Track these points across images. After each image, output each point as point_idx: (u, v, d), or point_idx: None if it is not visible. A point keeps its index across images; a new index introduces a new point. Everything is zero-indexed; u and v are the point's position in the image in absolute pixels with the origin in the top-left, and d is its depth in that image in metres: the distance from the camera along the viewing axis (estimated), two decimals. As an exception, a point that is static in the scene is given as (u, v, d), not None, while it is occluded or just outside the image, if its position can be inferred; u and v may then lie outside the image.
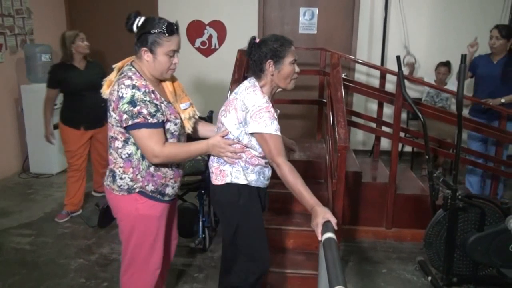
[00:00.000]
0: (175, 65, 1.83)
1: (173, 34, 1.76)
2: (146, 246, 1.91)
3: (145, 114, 1.68)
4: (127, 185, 1.81)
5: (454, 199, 2.47)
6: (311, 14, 5.13)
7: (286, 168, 1.74)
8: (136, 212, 1.85)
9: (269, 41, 1.86)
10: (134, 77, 1.74)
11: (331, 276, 1.25)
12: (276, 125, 1.80)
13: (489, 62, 3.61)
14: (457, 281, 2.63)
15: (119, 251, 3.01)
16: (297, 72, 1.91)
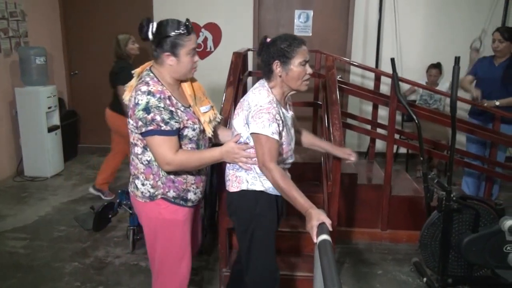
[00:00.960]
0: (196, 64, 1.83)
1: (191, 33, 1.77)
2: (174, 253, 1.90)
3: (158, 121, 1.66)
4: (148, 192, 1.81)
5: (449, 201, 2.48)
6: (306, 16, 5.15)
7: (278, 174, 1.71)
8: (160, 216, 1.84)
9: (278, 40, 1.79)
10: (151, 83, 1.72)
11: (327, 278, 1.25)
12: (275, 128, 1.73)
13: (491, 64, 3.62)
14: (452, 282, 2.63)
15: (115, 254, 3.03)
16: (309, 74, 1.82)
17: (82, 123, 5.62)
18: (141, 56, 4.11)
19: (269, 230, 1.91)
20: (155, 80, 1.74)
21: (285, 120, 1.84)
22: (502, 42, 3.48)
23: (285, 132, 1.82)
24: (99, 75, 5.56)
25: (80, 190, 4.22)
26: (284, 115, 1.85)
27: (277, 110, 1.77)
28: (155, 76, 1.76)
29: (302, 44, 1.80)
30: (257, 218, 1.88)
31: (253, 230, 1.89)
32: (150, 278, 2.71)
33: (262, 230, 1.89)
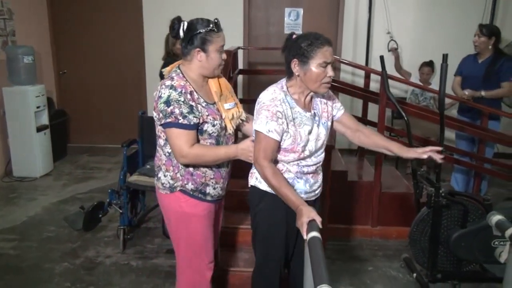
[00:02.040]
0: (223, 61, 1.86)
1: (221, 30, 1.82)
2: (194, 245, 1.94)
3: (176, 114, 1.72)
4: (168, 183, 1.87)
5: (438, 197, 2.50)
6: (296, 14, 5.16)
7: (270, 172, 1.71)
8: (180, 210, 1.89)
9: (300, 38, 1.73)
10: (175, 78, 1.80)
11: (316, 274, 1.26)
12: (273, 126, 1.71)
13: (474, 61, 3.67)
14: (441, 277, 2.66)
15: (105, 254, 3.01)
16: (329, 76, 1.72)
17: (72, 123, 5.57)
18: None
19: (273, 228, 1.89)
20: (180, 76, 1.81)
21: (297, 119, 1.77)
22: (480, 37, 3.53)
23: (293, 131, 1.76)
24: (88, 74, 5.54)
25: (69, 190, 4.19)
26: (296, 115, 1.78)
27: (281, 108, 1.73)
28: (181, 73, 1.84)
29: (326, 44, 1.70)
30: (260, 214, 1.90)
31: (257, 225, 1.93)
32: (141, 277, 2.74)
33: (264, 226, 1.90)
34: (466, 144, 3.80)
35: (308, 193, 1.88)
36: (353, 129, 1.99)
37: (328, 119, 1.90)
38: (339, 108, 1.96)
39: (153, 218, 3.52)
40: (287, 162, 1.82)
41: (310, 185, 1.87)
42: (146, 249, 3.09)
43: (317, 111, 1.87)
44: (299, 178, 1.84)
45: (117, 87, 5.55)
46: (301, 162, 1.82)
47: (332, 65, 1.73)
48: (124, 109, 5.51)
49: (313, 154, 1.83)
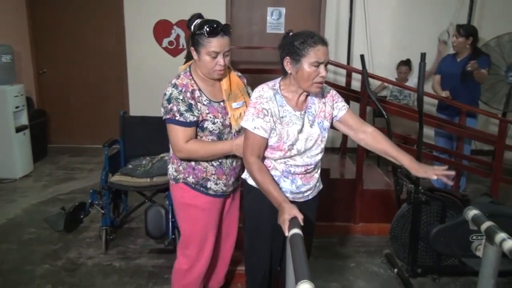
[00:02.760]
0: (221, 66, 1.85)
1: (214, 36, 1.80)
2: (195, 236, 2.03)
3: (174, 111, 1.82)
4: (172, 174, 2.01)
5: (417, 193, 2.56)
6: (279, 13, 5.18)
7: (256, 167, 1.74)
8: (182, 199, 2.01)
9: (295, 36, 1.72)
10: (181, 76, 1.90)
11: (297, 271, 1.27)
12: (259, 123, 1.72)
13: (453, 60, 3.75)
14: (421, 272, 2.72)
15: (87, 255, 2.98)
16: (321, 76, 1.70)
17: (52, 123, 5.49)
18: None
19: (258, 222, 1.91)
20: (187, 75, 1.90)
21: (285, 117, 1.77)
22: (458, 37, 3.61)
23: (279, 129, 1.76)
24: (69, 73, 5.46)
25: (50, 191, 4.13)
26: (285, 113, 1.77)
27: (267, 106, 1.74)
28: (189, 71, 1.92)
29: (319, 43, 1.67)
30: (246, 207, 1.95)
31: (245, 218, 1.97)
32: (124, 278, 2.72)
33: (250, 220, 1.94)
34: (444, 141, 3.87)
35: (295, 193, 1.88)
36: (357, 130, 1.92)
37: (326, 119, 1.86)
38: (341, 108, 1.90)
39: (136, 218, 3.49)
40: (274, 159, 1.83)
41: (297, 186, 1.86)
42: (129, 250, 3.07)
43: (313, 111, 1.84)
44: (285, 177, 1.85)
45: (98, 87, 5.48)
46: (289, 161, 1.82)
47: (326, 65, 1.71)
48: (105, 109, 5.45)
49: (302, 153, 1.82)
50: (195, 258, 2.08)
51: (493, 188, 3.46)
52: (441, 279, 2.75)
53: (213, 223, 2.06)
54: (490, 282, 1.65)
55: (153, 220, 2.87)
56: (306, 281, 1.20)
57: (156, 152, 3.31)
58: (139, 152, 3.34)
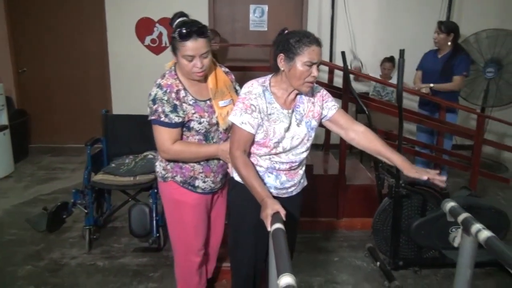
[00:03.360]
0: (198, 69, 1.82)
1: (187, 40, 1.77)
2: (184, 233, 2.07)
3: (159, 112, 1.82)
4: (161, 173, 2.02)
5: (398, 187, 2.61)
6: (261, 11, 5.19)
7: (241, 162, 1.75)
8: (171, 196, 2.03)
9: (290, 34, 1.71)
10: (166, 76, 1.89)
11: (279, 265, 1.29)
12: (246, 118, 1.73)
13: (434, 57, 3.81)
14: (403, 265, 2.77)
15: (71, 255, 2.96)
16: (313, 76, 1.70)
17: (33, 123, 5.41)
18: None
19: (241, 217, 1.93)
20: (172, 74, 1.89)
21: (273, 115, 1.77)
22: (439, 34, 3.67)
23: (266, 126, 1.77)
24: (50, 72, 5.39)
25: (32, 191, 4.07)
26: (273, 111, 1.77)
27: (255, 102, 1.74)
28: (174, 70, 1.90)
29: (314, 44, 1.67)
30: (231, 202, 1.98)
31: (229, 213, 1.99)
32: (108, 277, 2.71)
33: (235, 215, 1.96)
34: (426, 137, 3.94)
35: (279, 189, 1.89)
36: (347, 129, 1.92)
37: (314, 119, 1.86)
38: (331, 108, 1.90)
39: (120, 217, 3.47)
40: (259, 155, 1.83)
41: (281, 181, 1.87)
42: (113, 249, 3.05)
43: (301, 110, 1.83)
44: (270, 172, 1.86)
45: (80, 85, 5.42)
46: (274, 157, 1.83)
47: (318, 66, 1.71)
48: (87, 108, 5.39)
49: (287, 151, 1.82)
50: (185, 252, 2.12)
51: (472, 181, 3.54)
52: (422, 271, 2.80)
53: (201, 219, 2.09)
54: (467, 272, 1.69)
55: (137, 218, 2.87)
56: (287, 274, 1.22)
57: (139, 150, 3.30)
58: (122, 151, 3.32)
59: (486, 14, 5.15)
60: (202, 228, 2.11)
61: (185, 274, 2.20)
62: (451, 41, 3.68)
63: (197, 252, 2.13)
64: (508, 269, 1.35)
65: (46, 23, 5.22)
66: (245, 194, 1.80)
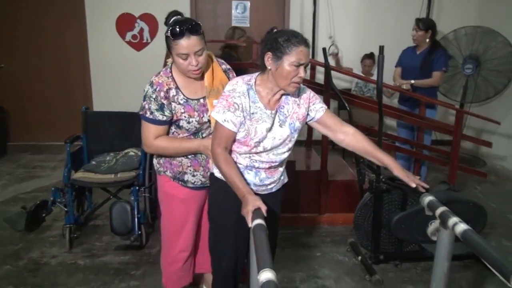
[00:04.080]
0: (194, 67, 1.82)
1: (179, 38, 1.76)
2: (172, 225, 2.11)
3: (146, 109, 1.87)
4: (156, 166, 2.10)
5: (378, 182, 2.64)
6: (243, 7, 5.18)
7: (222, 158, 1.74)
8: (163, 189, 2.09)
9: (279, 33, 1.70)
10: (161, 73, 1.91)
11: (259, 260, 1.30)
12: (229, 116, 1.72)
13: (413, 53, 3.86)
14: (383, 258, 2.81)
15: (51, 254, 2.91)
16: (300, 76, 1.68)
17: (11, 120, 5.30)
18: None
19: (222, 213, 1.91)
20: (167, 72, 1.91)
21: (256, 114, 1.76)
22: (418, 31, 3.73)
23: (248, 125, 1.75)
24: (28, 68, 5.28)
25: (11, 190, 3.99)
26: (256, 110, 1.76)
27: (238, 100, 1.73)
28: (170, 67, 1.93)
29: (302, 44, 1.66)
30: (211, 198, 1.96)
31: (209, 208, 1.98)
32: (89, 276, 2.69)
33: (215, 210, 1.94)
34: (406, 132, 4.00)
35: (258, 186, 1.88)
36: (335, 131, 1.91)
37: (298, 120, 1.85)
38: (318, 110, 1.88)
39: (101, 215, 3.44)
40: (239, 153, 1.83)
41: (260, 178, 1.87)
42: (94, 247, 3.02)
43: (285, 111, 1.82)
44: (249, 169, 1.85)
45: (59, 82, 5.32)
46: (254, 156, 1.82)
47: (305, 66, 1.69)
48: (68, 105, 5.31)
49: (268, 151, 1.82)
50: (172, 243, 2.15)
51: (451, 176, 3.61)
52: (403, 265, 2.85)
53: (191, 214, 2.10)
54: (444, 264, 1.73)
55: (118, 216, 2.85)
56: (268, 270, 1.23)
57: (121, 147, 3.27)
58: (103, 148, 3.28)
59: (465, 12, 5.24)
60: (191, 223, 2.12)
61: (170, 266, 2.21)
62: (429, 38, 3.74)
63: (184, 246, 2.15)
64: (483, 261, 1.38)
65: (24, 18, 5.11)
66: (225, 189, 1.79)
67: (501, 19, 4.84)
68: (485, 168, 4.78)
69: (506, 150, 4.78)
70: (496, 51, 4.54)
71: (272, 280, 1.19)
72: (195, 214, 2.13)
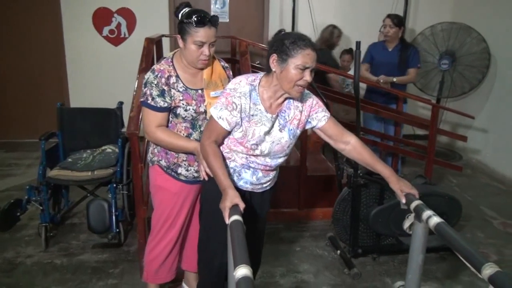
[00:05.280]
0: (205, 56, 1.90)
1: (202, 26, 1.83)
2: (163, 218, 2.10)
3: (147, 95, 1.90)
4: (149, 156, 2.11)
5: (356, 177, 2.67)
6: (223, 2, 5.14)
7: (210, 150, 1.73)
8: (155, 182, 2.08)
9: (286, 35, 1.68)
10: (162, 62, 1.96)
11: (236, 256, 1.29)
12: (225, 114, 1.70)
13: (384, 49, 3.88)
14: (362, 252, 2.85)
15: (26, 253, 2.86)
16: (305, 80, 1.64)
17: (-16, 117, 5.15)
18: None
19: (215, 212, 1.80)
20: (168, 61, 1.96)
21: (255, 116, 1.73)
22: (392, 27, 3.76)
23: (246, 126, 1.74)
24: (1, 63, 5.14)
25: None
26: (257, 112, 1.73)
27: (238, 101, 1.70)
28: (171, 57, 1.98)
29: (309, 47, 1.63)
30: (203, 195, 1.95)
31: (201, 205, 1.98)
32: (65, 275, 2.64)
33: (207, 210, 1.92)
34: (378, 125, 4.02)
35: (254, 184, 1.87)
36: (337, 140, 1.90)
37: (298, 127, 1.83)
38: (321, 119, 1.85)
39: (79, 214, 3.38)
40: (236, 152, 1.80)
41: (257, 177, 1.85)
42: (71, 246, 2.97)
43: (286, 116, 1.79)
44: (246, 168, 1.83)
45: (34, 77, 5.19)
46: (250, 157, 1.80)
47: (311, 70, 1.65)
48: (43, 101, 5.18)
49: (265, 155, 1.80)
50: (160, 238, 2.15)
51: (427, 170, 3.67)
52: (381, 258, 2.89)
53: (183, 208, 2.10)
54: (419, 257, 1.76)
55: (96, 214, 2.80)
56: (244, 266, 1.23)
57: (98, 144, 3.22)
58: (79, 145, 3.23)
59: (441, 8, 5.33)
60: (181, 218, 2.12)
61: (154, 261, 2.19)
62: (401, 34, 3.79)
63: (172, 241, 2.15)
64: (455, 253, 1.41)
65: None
66: (218, 188, 1.74)
67: (475, 15, 4.94)
68: (461, 162, 4.89)
69: (481, 144, 4.89)
70: (471, 47, 4.63)
71: (248, 276, 1.19)
72: (187, 209, 2.13)
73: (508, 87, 4.50)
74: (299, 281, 2.66)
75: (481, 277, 1.25)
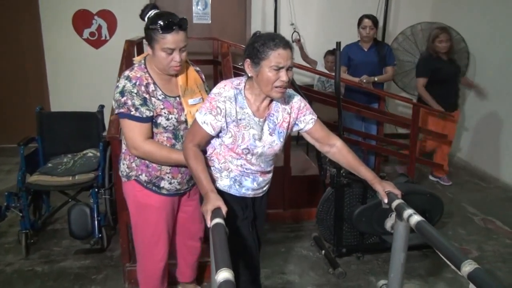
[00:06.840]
0: (177, 63, 1.79)
1: (170, 32, 1.73)
2: (148, 236, 2.01)
3: (129, 106, 1.75)
4: (125, 171, 1.93)
5: (339, 176, 2.68)
6: (204, 3, 5.12)
7: (192, 153, 1.71)
8: (135, 198, 1.95)
9: (257, 37, 1.65)
10: (135, 68, 1.83)
11: (218, 259, 1.29)
12: (209, 119, 1.68)
13: (360, 49, 3.92)
14: (346, 251, 2.87)
15: (6, 261, 2.82)
16: (282, 80, 1.61)
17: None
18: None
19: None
20: (141, 67, 1.83)
21: (243, 120, 1.72)
22: (373, 28, 3.81)
23: (235, 131, 1.72)
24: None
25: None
26: (244, 116, 1.72)
27: (222, 105, 1.68)
28: (144, 63, 1.85)
29: (280, 47, 1.60)
30: None
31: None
32: (47, 283, 2.60)
33: None
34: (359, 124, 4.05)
35: (256, 190, 1.86)
36: (322, 144, 1.92)
37: (287, 130, 1.83)
38: (308, 122, 1.85)
39: (60, 219, 3.32)
40: (232, 163, 1.79)
41: (258, 182, 1.85)
42: (52, 253, 2.92)
43: (275, 119, 1.79)
44: (246, 176, 1.82)
45: (12, 81, 5.07)
46: (246, 165, 1.79)
47: (288, 69, 1.63)
48: (22, 105, 5.07)
49: (258, 159, 1.79)
50: (149, 256, 2.07)
51: (409, 168, 3.71)
52: (365, 257, 2.91)
53: (166, 221, 2.01)
54: (401, 255, 1.77)
55: (77, 220, 2.77)
56: (225, 269, 1.22)
57: (78, 149, 3.18)
58: (60, 150, 3.18)
59: (421, 8, 5.41)
60: (167, 232, 2.04)
61: (148, 278, 2.13)
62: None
63: (162, 255, 2.07)
64: (436, 250, 1.43)
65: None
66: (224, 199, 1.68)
67: (454, 15, 5.02)
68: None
69: (462, 142, 4.97)
70: (450, 47, 4.69)
71: (230, 279, 1.18)
72: (170, 222, 2.06)
73: (487, 85, 4.58)
74: (284, 282, 2.66)
75: (460, 274, 1.27)
